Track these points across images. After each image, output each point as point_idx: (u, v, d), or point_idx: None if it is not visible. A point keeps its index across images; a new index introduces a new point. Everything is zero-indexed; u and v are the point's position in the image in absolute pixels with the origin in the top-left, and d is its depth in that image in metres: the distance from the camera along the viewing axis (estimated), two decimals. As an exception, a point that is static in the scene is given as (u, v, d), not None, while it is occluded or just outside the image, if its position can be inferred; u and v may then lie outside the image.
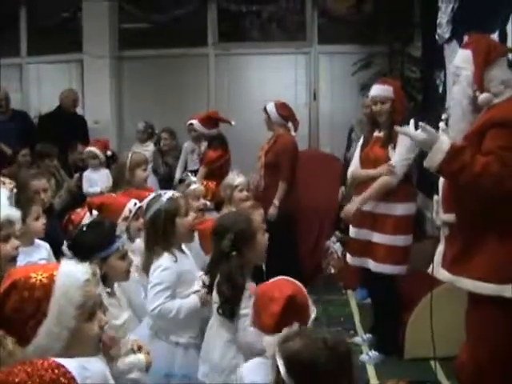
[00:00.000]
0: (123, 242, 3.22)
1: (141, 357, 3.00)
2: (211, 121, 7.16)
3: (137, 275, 3.45)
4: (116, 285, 3.16)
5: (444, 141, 3.34)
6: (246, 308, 3.17)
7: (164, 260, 3.58)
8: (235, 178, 5.44)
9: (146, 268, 3.66)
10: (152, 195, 4.00)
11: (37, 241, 3.99)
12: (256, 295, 2.78)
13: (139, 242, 3.98)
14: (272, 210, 6.42)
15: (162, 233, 3.65)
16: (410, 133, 3.61)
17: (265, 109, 6.75)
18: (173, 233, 3.68)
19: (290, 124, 6.80)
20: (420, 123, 3.50)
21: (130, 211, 3.95)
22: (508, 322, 3.40)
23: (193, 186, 5.02)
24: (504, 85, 3.43)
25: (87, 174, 7.02)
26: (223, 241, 3.32)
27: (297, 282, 2.71)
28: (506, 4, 4.56)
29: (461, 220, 3.50)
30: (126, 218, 3.90)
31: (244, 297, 3.24)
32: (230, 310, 3.24)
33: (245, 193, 5.44)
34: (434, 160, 3.35)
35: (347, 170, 5.55)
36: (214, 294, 3.36)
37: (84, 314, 1.98)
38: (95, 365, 2.13)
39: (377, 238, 5.06)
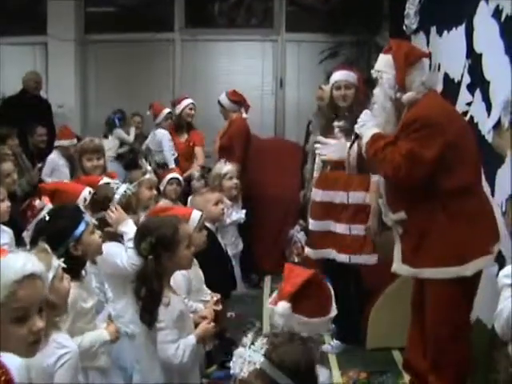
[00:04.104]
0: (89, 216, 3.19)
1: (104, 332, 3.01)
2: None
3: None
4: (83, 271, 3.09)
5: (373, 129, 3.83)
6: (164, 321, 3.13)
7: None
8: (222, 166, 5.48)
9: None
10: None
11: (1, 226, 3.91)
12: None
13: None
14: None
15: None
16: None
17: (219, 102, 7.03)
18: None
19: (242, 109, 7.00)
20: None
21: (85, 199, 3.86)
22: (467, 300, 3.71)
23: (147, 176, 5.03)
24: (424, 85, 3.80)
25: (54, 157, 6.87)
26: (142, 243, 3.25)
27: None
28: (473, -4, 4.58)
29: (411, 214, 3.73)
30: None
31: (161, 306, 3.15)
32: (148, 318, 3.16)
33: (234, 180, 5.47)
34: (363, 143, 3.90)
35: (305, 163, 5.54)
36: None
37: (7, 314, 1.87)
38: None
39: (338, 228, 5.04)
